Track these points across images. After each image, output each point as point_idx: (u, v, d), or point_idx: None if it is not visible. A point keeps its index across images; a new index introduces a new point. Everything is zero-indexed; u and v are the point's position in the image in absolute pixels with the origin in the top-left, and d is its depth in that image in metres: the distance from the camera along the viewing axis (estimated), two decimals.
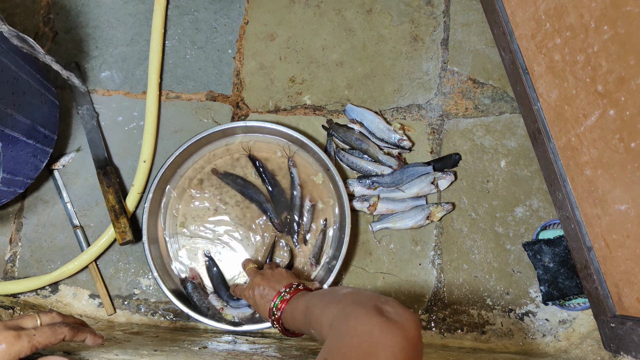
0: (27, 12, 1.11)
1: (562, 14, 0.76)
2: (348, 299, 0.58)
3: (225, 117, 1.08)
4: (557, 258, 0.95)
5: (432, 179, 1.01)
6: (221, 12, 1.11)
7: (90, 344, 0.68)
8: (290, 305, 0.75)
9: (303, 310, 0.69)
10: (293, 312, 0.74)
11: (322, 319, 0.59)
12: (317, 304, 0.64)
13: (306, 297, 0.72)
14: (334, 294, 0.63)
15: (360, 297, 0.57)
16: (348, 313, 0.53)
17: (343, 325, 0.52)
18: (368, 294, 0.59)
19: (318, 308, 0.63)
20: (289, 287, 0.79)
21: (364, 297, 0.57)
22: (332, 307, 0.59)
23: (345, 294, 0.61)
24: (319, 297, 0.67)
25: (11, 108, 0.84)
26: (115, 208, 0.99)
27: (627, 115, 0.67)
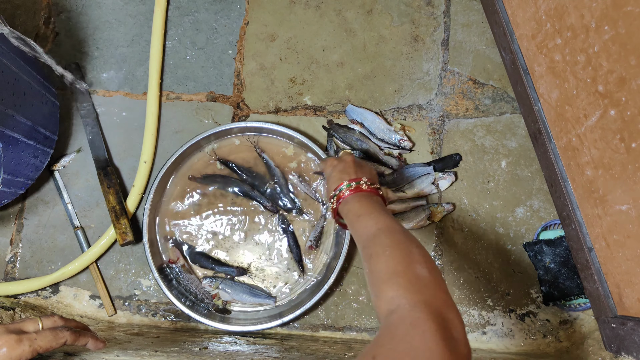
0: (27, 13, 1.12)
1: (563, 14, 0.76)
2: (419, 292, 0.53)
3: (226, 117, 1.08)
4: (558, 258, 0.95)
5: (433, 179, 1.01)
6: (221, 12, 1.11)
7: (92, 349, 0.68)
8: (360, 199, 0.73)
9: (370, 229, 0.66)
10: (360, 208, 0.71)
11: (384, 288, 0.55)
12: (387, 254, 0.60)
13: (380, 217, 0.67)
14: (408, 263, 0.57)
15: (434, 298, 0.52)
16: (416, 320, 0.49)
17: (406, 335, 0.48)
18: (441, 297, 0.53)
19: (384, 263, 0.59)
20: (371, 182, 0.76)
21: (437, 300, 0.52)
22: (402, 285, 0.54)
23: (419, 278, 0.55)
24: (392, 243, 0.61)
25: (12, 109, 0.84)
26: (115, 209, 0.99)
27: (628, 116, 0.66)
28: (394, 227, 0.65)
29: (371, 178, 0.79)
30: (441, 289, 0.55)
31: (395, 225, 0.66)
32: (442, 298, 0.53)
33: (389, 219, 0.67)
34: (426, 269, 0.57)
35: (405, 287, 0.54)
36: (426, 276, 0.56)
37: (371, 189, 0.76)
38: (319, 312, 1.00)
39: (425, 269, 0.57)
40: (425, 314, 0.49)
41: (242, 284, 0.98)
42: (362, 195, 0.75)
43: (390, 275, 0.57)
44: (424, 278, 0.56)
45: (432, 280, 0.56)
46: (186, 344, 0.87)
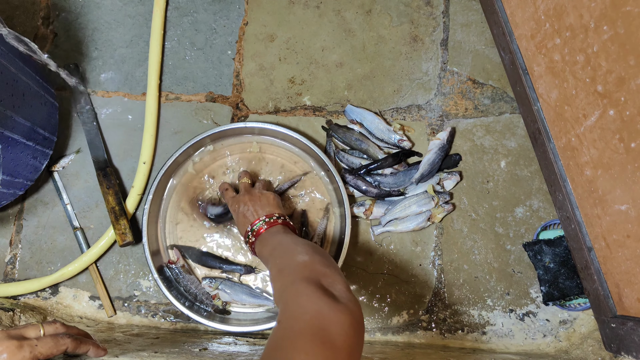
0: (26, 14, 1.11)
1: (562, 14, 0.76)
2: (299, 272, 0.61)
3: (225, 118, 1.08)
4: (558, 258, 0.95)
5: (437, 179, 1.01)
6: (220, 13, 1.11)
7: (93, 356, 0.68)
8: (264, 237, 0.80)
9: (269, 253, 0.74)
10: (263, 247, 0.78)
11: (276, 284, 0.64)
12: (277, 261, 0.69)
13: (275, 240, 0.77)
14: (290, 258, 0.66)
15: (311, 272, 0.61)
16: (299, 290, 0.57)
17: (293, 301, 0.56)
18: (318, 269, 0.62)
19: (275, 267, 0.68)
20: (270, 217, 0.83)
21: (314, 272, 0.61)
22: (285, 274, 0.63)
23: (298, 264, 0.64)
24: (281, 252, 0.71)
25: (11, 110, 0.83)
26: (115, 209, 0.99)
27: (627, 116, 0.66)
28: (283, 239, 0.76)
29: (270, 209, 0.85)
30: (319, 265, 0.63)
31: (286, 237, 0.76)
32: (319, 271, 0.61)
33: (283, 236, 0.77)
34: (306, 254, 0.66)
35: (287, 275, 0.62)
36: (305, 260, 0.64)
37: (272, 223, 0.82)
38: None
39: (306, 255, 0.66)
40: (304, 283, 0.58)
41: (242, 285, 0.98)
42: (265, 234, 0.81)
43: (277, 272, 0.66)
44: (302, 262, 0.64)
45: (310, 262, 0.64)
46: (186, 345, 0.87)
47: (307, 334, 0.50)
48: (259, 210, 0.84)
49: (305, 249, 0.68)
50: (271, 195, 0.88)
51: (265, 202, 0.86)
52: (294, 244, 0.72)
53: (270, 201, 0.87)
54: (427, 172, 1.00)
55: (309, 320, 0.52)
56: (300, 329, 0.51)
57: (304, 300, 0.55)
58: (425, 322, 0.98)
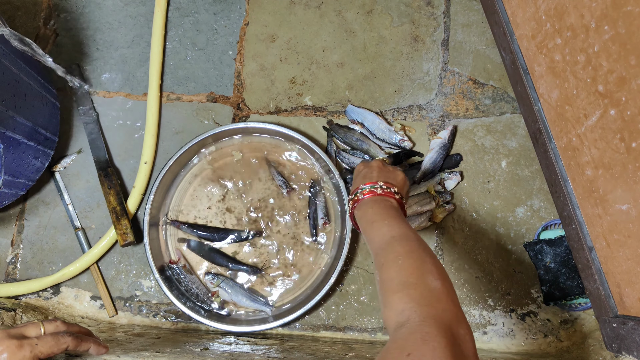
0: (28, 15, 1.12)
1: (563, 14, 0.76)
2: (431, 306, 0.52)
3: (226, 118, 1.08)
4: (559, 258, 0.95)
5: (439, 179, 1.01)
6: (222, 13, 1.11)
7: (94, 354, 0.68)
8: (374, 203, 0.72)
9: (383, 234, 0.65)
10: (374, 214, 0.70)
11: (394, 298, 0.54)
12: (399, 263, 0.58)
13: (394, 223, 0.66)
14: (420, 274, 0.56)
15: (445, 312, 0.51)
16: (426, 336, 0.48)
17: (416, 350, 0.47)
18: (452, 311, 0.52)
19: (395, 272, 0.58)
20: (388, 186, 0.74)
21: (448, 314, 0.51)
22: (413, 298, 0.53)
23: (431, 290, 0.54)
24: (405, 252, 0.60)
25: (12, 110, 0.84)
26: (116, 210, 0.99)
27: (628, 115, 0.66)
28: (408, 235, 0.64)
29: (394, 182, 0.76)
30: (453, 303, 0.54)
31: (410, 233, 0.64)
32: (454, 312, 0.52)
33: (404, 227, 0.66)
34: (439, 280, 0.56)
35: (417, 300, 0.53)
36: (438, 288, 0.55)
37: (387, 193, 0.74)
38: (320, 312, 1.00)
39: (438, 280, 0.56)
40: (436, 329, 0.48)
41: (243, 287, 0.98)
42: (376, 200, 0.73)
43: (402, 286, 0.56)
44: (436, 290, 0.54)
45: (444, 293, 0.54)
46: (187, 345, 0.87)
47: None
48: (381, 177, 0.76)
49: (437, 267, 0.58)
50: (402, 175, 0.79)
51: (393, 176, 0.78)
52: (422, 249, 0.61)
53: (397, 178, 0.78)
54: (429, 170, 1.00)
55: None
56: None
57: (429, 356, 0.46)
58: None
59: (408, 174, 1.01)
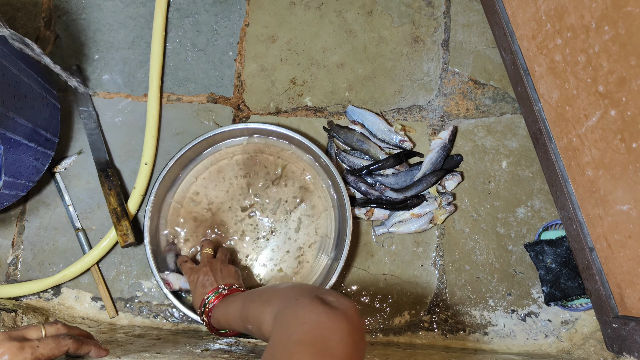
0: (28, 16, 1.12)
1: (563, 15, 0.76)
2: (290, 292, 0.60)
3: (227, 119, 1.08)
4: (559, 259, 0.95)
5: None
6: (222, 14, 1.11)
7: (95, 357, 0.68)
8: (225, 302, 0.78)
9: (239, 307, 0.72)
10: (227, 309, 0.76)
11: (264, 314, 0.61)
12: (256, 300, 0.67)
13: (242, 296, 0.74)
14: (273, 290, 0.65)
15: (302, 289, 0.60)
16: (294, 305, 0.55)
17: (291, 315, 0.54)
18: (309, 287, 0.62)
19: (257, 303, 0.65)
20: (229, 285, 0.83)
21: (306, 289, 0.60)
22: (275, 301, 0.61)
23: (285, 288, 0.63)
24: (257, 294, 0.69)
25: (13, 111, 0.84)
26: (117, 211, 0.99)
27: (629, 116, 0.66)
28: (252, 290, 0.73)
29: (230, 280, 0.85)
30: (306, 285, 0.64)
31: (252, 291, 0.73)
32: (310, 287, 0.62)
33: (248, 291, 0.76)
34: (287, 285, 0.65)
35: (279, 299, 0.60)
36: (290, 285, 0.64)
37: (231, 291, 0.82)
38: None
39: (287, 284, 0.65)
40: (301, 297, 0.56)
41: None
42: (226, 300, 0.79)
43: (264, 304, 0.63)
44: (290, 287, 0.63)
45: (298, 284, 0.65)
46: (188, 346, 0.87)
47: (305, 344, 0.49)
48: (219, 280, 0.85)
49: (283, 284, 0.67)
50: (232, 268, 0.89)
51: (227, 273, 0.87)
52: (268, 288, 0.69)
53: (231, 273, 0.87)
54: (430, 170, 1.00)
55: (308, 330, 0.51)
56: (299, 339, 0.50)
57: (302, 311, 0.53)
58: (426, 323, 0.98)
59: (408, 175, 1.01)
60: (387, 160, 1.01)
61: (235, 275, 0.87)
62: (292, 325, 0.52)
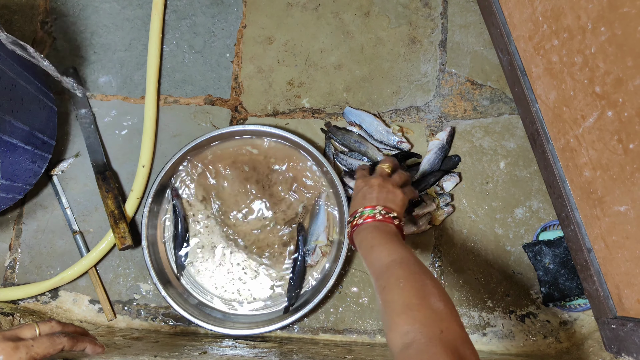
0: (24, 18, 1.12)
1: (559, 16, 0.76)
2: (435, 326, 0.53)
3: (224, 121, 1.08)
4: (558, 259, 0.94)
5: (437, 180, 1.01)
6: (219, 16, 1.11)
7: (91, 353, 0.68)
8: (373, 230, 0.73)
9: (383, 260, 0.66)
10: (371, 242, 0.71)
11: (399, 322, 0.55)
12: (401, 286, 0.60)
13: (392, 249, 0.67)
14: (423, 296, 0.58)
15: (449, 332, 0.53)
16: (433, 356, 0.49)
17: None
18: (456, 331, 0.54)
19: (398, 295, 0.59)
20: (388, 211, 0.75)
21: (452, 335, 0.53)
22: (418, 320, 0.54)
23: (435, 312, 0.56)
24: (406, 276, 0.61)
25: (9, 114, 0.84)
26: (114, 213, 0.99)
27: (625, 117, 0.66)
28: (408, 258, 0.66)
29: (393, 206, 0.77)
30: (457, 323, 0.55)
31: (410, 257, 0.66)
32: (458, 332, 0.54)
33: (403, 250, 0.67)
34: (441, 302, 0.57)
35: (421, 321, 0.54)
36: (441, 309, 0.56)
37: (386, 219, 0.75)
38: (319, 314, 0.99)
39: (441, 302, 0.57)
40: (443, 349, 0.50)
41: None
42: (375, 226, 0.74)
43: (405, 308, 0.57)
44: (439, 311, 0.56)
45: (448, 314, 0.56)
46: (186, 349, 0.87)
47: None
48: (381, 199, 0.78)
49: (439, 290, 0.59)
50: (401, 195, 0.81)
51: (392, 197, 0.79)
52: (422, 272, 0.63)
53: (397, 198, 0.79)
54: (428, 171, 1.00)
55: None
56: None
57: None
58: None
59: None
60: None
61: (400, 203, 0.79)
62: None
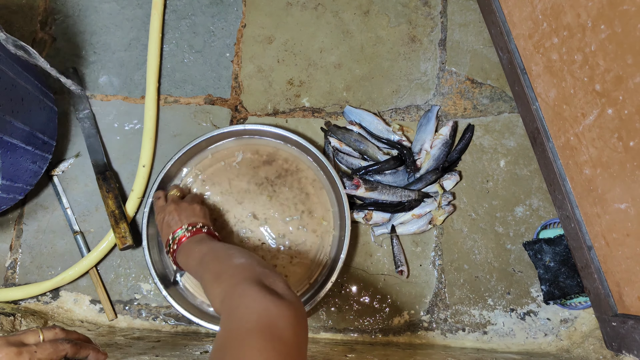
0: (24, 19, 1.12)
1: (559, 14, 0.76)
2: (239, 274, 0.62)
3: (224, 120, 1.08)
4: (558, 257, 0.95)
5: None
6: (218, 15, 1.11)
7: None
8: (187, 245, 0.80)
9: (198, 260, 0.73)
10: (188, 255, 0.78)
11: (213, 291, 0.63)
12: (210, 267, 0.68)
13: (203, 248, 0.76)
14: (227, 262, 0.66)
15: (249, 272, 0.61)
16: (242, 291, 0.57)
17: (239, 303, 0.56)
18: (258, 270, 0.62)
19: (210, 273, 0.67)
20: (193, 225, 0.83)
21: (252, 272, 0.61)
22: (225, 279, 0.62)
23: (237, 266, 0.64)
24: (213, 258, 0.70)
25: (10, 115, 0.84)
26: (115, 213, 0.99)
27: (625, 114, 0.66)
28: (214, 247, 0.75)
29: (195, 219, 0.85)
30: (258, 266, 0.63)
31: (215, 245, 0.75)
32: (259, 271, 0.62)
33: (211, 244, 0.77)
34: (242, 257, 0.66)
35: (226, 279, 0.62)
36: (242, 262, 0.65)
37: (194, 232, 0.83)
38: (320, 313, 1.00)
39: (242, 257, 0.66)
40: (247, 283, 0.58)
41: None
42: (188, 242, 0.81)
43: (214, 278, 0.65)
44: (240, 264, 0.64)
45: (249, 263, 0.64)
46: (187, 348, 0.87)
47: (256, 332, 0.51)
48: (183, 219, 0.85)
49: (241, 253, 0.68)
50: (197, 206, 0.89)
51: (191, 212, 0.87)
52: (226, 248, 0.72)
53: (195, 212, 0.87)
54: (432, 167, 1.00)
55: (257, 319, 0.53)
56: (249, 328, 0.52)
57: (249, 300, 0.56)
58: (426, 323, 0.98)
59: (406, 173, 1.01)
60: (387, 162, 1.01)
61: (200, 214, 0.87)
62: (242, 314, 0.54)
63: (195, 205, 0.89)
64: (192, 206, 0.88)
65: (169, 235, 0.84)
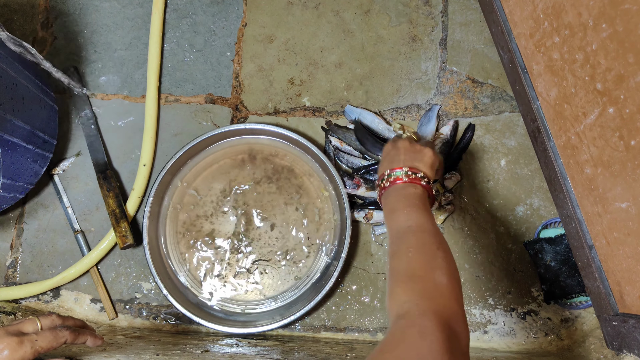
0: (25, 18, 1.12)
1: (561, 13, 0.76)
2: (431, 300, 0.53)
3: (225, 119, 1.08)
4: (559, 257, 0.95)
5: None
6: (219, 15, 1.11)
7: (91, 345, 0.69)
8: (399, 192, 0.71)
9: (400, 225, 0.65)
10: (394, 206, 0.69)
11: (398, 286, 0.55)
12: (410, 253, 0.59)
13: (413, 216, 0.66)
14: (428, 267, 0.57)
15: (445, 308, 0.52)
16: (423, 329, 0.49)
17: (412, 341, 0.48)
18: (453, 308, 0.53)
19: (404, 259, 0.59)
20: (414, 171, 0.73)
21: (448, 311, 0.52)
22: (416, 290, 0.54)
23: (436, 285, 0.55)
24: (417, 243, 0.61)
25: (10, 114, 0.84)
26: (115, 212, 0.99)
27: (627, 113, 0.66)
28: (425, 226, 0.64)
29: (420, 166, 0.75)
30: (456, 300, 0.55)
31: (427, 225, 0.64)
32: (454, 309, 0.53)
33: (422, 217, 0.66)
34: (446, 276, 0.56)
35: (419, 294, 0.54)
36: (444, 284, 0.55)
37: (412, 180, 0.72)
38: (320, 313, 1.00)
39: (445, 276, 0.56)
40: (434, 323, 0.49)
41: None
42: (400, 188, 0.72)
43: (408, 278, 0.56)
44: (440, 286, 0.55)
45: (449, 289, 0.55)
46: (187, 347, 0.87)
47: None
48: (407, 160, 0.75)
49: (447, 262, 0.58)
50: (429, 152, 0.77)
51: (420, 156, 0.76)
52: (436, 243, 0.61)
53: (424, 157, 0.76)
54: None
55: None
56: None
57: (426, 349, 0.47)
58: None
59: None
60: None
61: (428, 161, 0.76)
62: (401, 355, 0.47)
63: (427, 150, 0.77)
64: (424, 150, 0.77)
65: (385, 170, 0.75)
